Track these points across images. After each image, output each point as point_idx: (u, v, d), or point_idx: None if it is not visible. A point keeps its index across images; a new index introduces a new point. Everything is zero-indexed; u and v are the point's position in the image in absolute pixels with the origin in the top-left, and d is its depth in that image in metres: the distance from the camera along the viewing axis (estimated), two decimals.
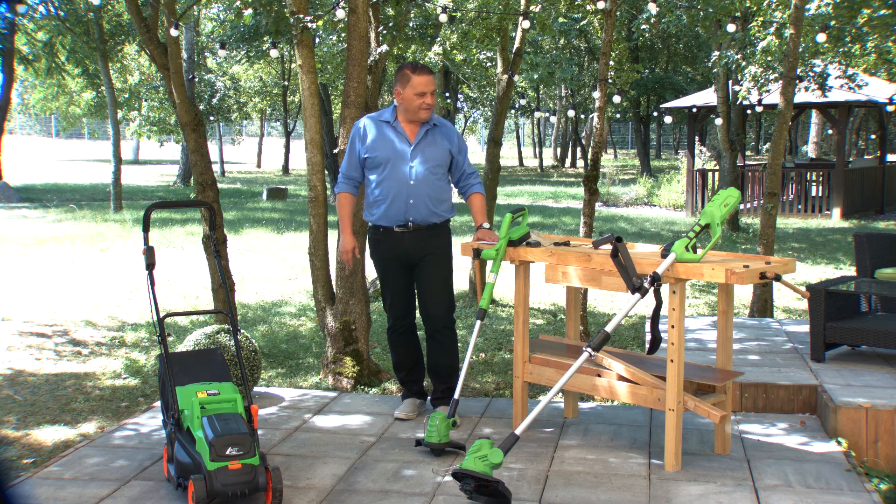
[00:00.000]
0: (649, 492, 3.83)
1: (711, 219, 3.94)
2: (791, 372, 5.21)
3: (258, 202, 22.07)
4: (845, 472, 4.04)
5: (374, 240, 4.87)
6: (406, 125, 4.73)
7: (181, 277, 10.32)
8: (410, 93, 4.64)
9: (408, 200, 4.69)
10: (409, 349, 5.03)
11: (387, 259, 4.83)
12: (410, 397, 5.03)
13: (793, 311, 8.60)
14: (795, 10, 7.30)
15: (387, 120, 4.75)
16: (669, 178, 23.13)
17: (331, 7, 7.45)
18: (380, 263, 4.89)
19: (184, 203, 8.62)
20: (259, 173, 35.81)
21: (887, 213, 19.27)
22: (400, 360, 5.05)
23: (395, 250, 4.77)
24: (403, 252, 4.77)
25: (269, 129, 55.23)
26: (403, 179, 4.68)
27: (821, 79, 14.65)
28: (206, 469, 3.49)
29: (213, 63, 28.76)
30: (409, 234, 4.74)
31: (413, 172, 4.69)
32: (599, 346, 3.82)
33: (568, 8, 10.36)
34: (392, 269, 4.84)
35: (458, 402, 4.47)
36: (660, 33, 24.74)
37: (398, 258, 4.79)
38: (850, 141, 27.56)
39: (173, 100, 6.12)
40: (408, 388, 5.07)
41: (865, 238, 6.05)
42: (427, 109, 4.67)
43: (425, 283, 4.83)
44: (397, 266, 4.82)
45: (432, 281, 4.82)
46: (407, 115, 4.71)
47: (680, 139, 44.15)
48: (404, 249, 4.76)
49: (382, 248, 4.82)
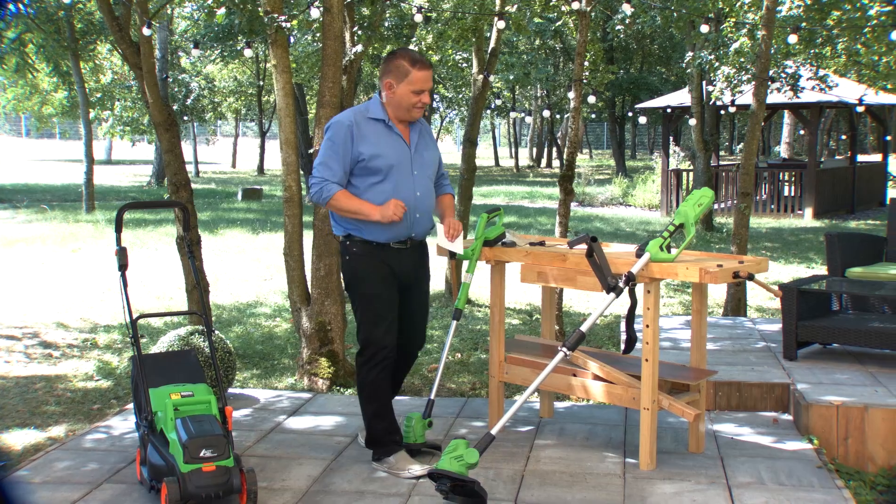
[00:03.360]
0: (624, 491, 3.85)
1: (685, 218, 3.96)
2: (764, 370, 5.26)
3: (233, 202, 21.93)
4: (816, 469, 4.08)
5: (362, 254, 4.04)
6: (397, 125, 4.07)
7: (155, 278, 10.23)
8: (407, 89, 3.97)
9: (415, 214, 4.04)
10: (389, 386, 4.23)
11: (383, 275, 4.05)
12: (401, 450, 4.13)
13: (766, 310, 8.68)
14: (767, 11, 7.37)
15: (379, 118, 4.04)
16: (644, 178, 23.27)
17: (305, 6, 7.43)
18: (374, 280, 4.04)
19: (157, 203, 8.55)
20: (234, 173, 35.59)
21: (858, 212, 19.51)
22: (387, 403, 4.16)
23: (395, 268, 4.07)
24: (402, 272, 4.10)
25: (244, 129, 54.90)
26: (410, 190, 4.02)
27: (793, 80, 14.81)
28: (179, 471, 3.46)
29: (187, 62, 28.55)
30: (408, 252, 4.10)
31: (417, 182, 4.06)
32: (575, 345, 3.83)
33: (543, 8, 10.39)
34: (390, 286, 4.07)
35: (433, 403, 4.46)
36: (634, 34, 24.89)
37: (395, 277, 4.09)
38: (822, 141, 27.88)
39: (146, 99, 6.06)
40: (392, 438, 4.13)
41: (836, 238, 6.11)
42: (421, 109, 4.04)
43: (416, 306, 4.24)
44: (394, 282, 4.09)
45: (422, 305, 4.28)
46: (396, 112, 4.04)
47: (655, 139, 44.42)
48: (402, 268, 4.09)
49: (376, 263, 4.04)
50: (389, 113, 4.05)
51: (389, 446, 4.10)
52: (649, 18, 14.01)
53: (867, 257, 6.18)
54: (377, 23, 7.36)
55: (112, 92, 27.60)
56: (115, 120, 28.24)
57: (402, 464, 4.05)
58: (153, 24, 6.26)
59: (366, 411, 4.14)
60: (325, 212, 5.72)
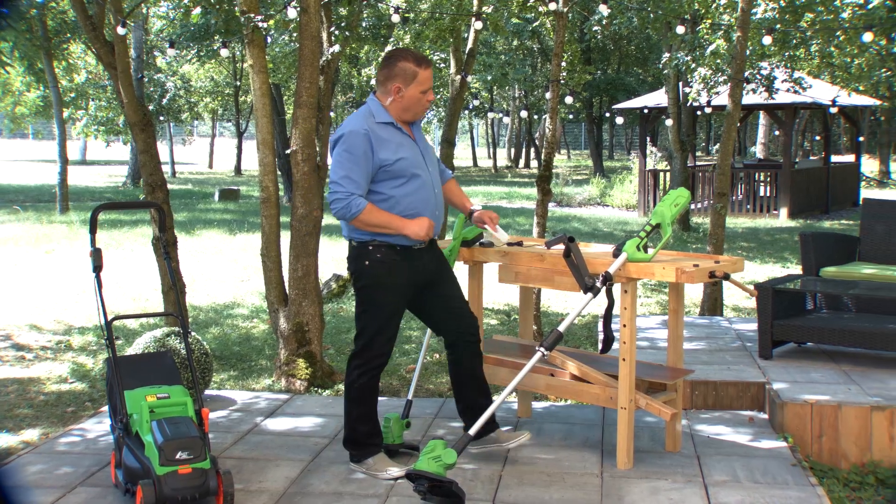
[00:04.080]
0: (602, 490, 3.87)
1: (662, 218, 3.98)
2: (740, 369, 5.30)
3: (210, 203, 21.81)
4: (791, 466, 4.12)
5: (388, 262, 3.94)
6: (402, 125, 4.02)
7: (131, 279, 10.15)
8: (416, 90, 3.91)
9: (435, 212, 4.01)
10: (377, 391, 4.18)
11: (403, 285, 3.98)
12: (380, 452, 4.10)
13: (742, 309, 8.75)
14: (742, 13, 7.43)
15: (388, 122, 3.95)
16: (622, 179, 23.38)
17: (282, 6, 7.39)
18: (391, 290, 3.98)
19: (132, 204, 8.48)
20: (211, 174, 35.39)
21: (832, 212, 19.71)
22: (372, 406, 4.12)
23: (416, 272, 4.00)
24: (423, 273, 4.04)
25: (221, 129, 54.58)
26: (430, 188, 4.00)
27: (768, 81, 14.95)
28: (155, 474, 3.44)
29: (163, 62, 28.33)
30: (427, 251, 4.05)
31: (432, 179, 4.04)
32: (552, 345, 3.84)
33: (520, 9, 10.41)
34: (404, 297, 4.02)
35: (411, 403, 4.46)
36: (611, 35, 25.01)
37: (415, 282, 4.02)
38: (797, 142, 28.14)
39: (121, 99, 6.02)
40: (374, 441, 4.12)
41: (811, 237, 6.17)
42: (427, 107, 3.99)
43: (449, 294, 4.13)
44: (409, 292, 4.04)
45: (455, 290, 4.16)
46: (403, 114, 3.97)
47: (632, 140, 44.66)
48: (424, 268, 4.04)
49: (401, 272, 3.96)
50: (393, 115, 3.98)
51: (369, 448, 4.06)
52: (626, 19, 14.08)
53: (841, 257, 6.24)
54: (354, 23, 7.34)
55: (86, 91, 27.35)
56: (89, 120, 27.98)
57: (380, 465, 4.02)
58: (128, 23, 6.21)
59: (350, 413, 4.08)
60: (302, 213, 5.70)
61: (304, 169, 5.66)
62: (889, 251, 6.17)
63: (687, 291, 8.45)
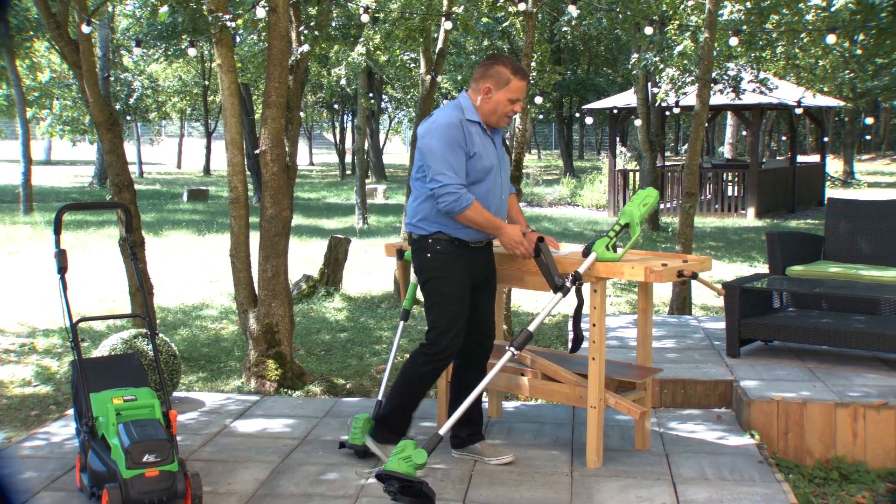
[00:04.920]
0: (571, 489, 3.88)
1: (631, 218, 4.01)
2: (708, 368, 5.35)
3: (178, 203, 21.62)
4: (758, 463, 4.16)
5: (446, 253, 4.00)
6: (487, 128, 4.05)
7: (97, 281, 10.03)
8: (504, 97, 3.94)
9: (499, 214, 4.06)
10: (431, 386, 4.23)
11: (462, 278, 4.03)
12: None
13: (710, 308, 8.84)
14: (709, 14, 7.51)
15: (476, 121, 3.98)
16: (592, 179, 23.51)
17: (250, 6, 7.35)
18: (456, 281, 4.02)
19: (98, 205, 8.39)
20: (179, 174, 35.08)
21: (798, 212, 19.97)
22: (422, 397, 4.21)
23: (472, 268, 4.06)
24: (477, 271, 4.09)
25: (190, 129, 54.11)
26: (499, 192, 4.05)
27: (735, 82, 15.10)
28: (121, 477, 3.40)
29: (130, 61, 28.02)
30: (482, 250, 4.12)
31: (502, 187, 4.10)
32: (522, 345, 3.85)
33: (490, 9, 10.44)
34: (465, 289, 4.04)
35: (381, 404, 4.45)
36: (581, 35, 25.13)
37: (471, 279, 4.07)
38: (764, 142, 28.48)
39: (86, 98, 5.94)
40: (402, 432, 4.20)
41: (777, 237, 6.24)
42: (510, 117, 4.03)
43: (487, 301, 4.21)
44: (469, 288, 4.06)
45: (492, 299, 4.26)
46: (488, 118, 3.99)
47: (602, 140, 44.95)
48: (479, 268, 4.10)
49: (459, 266, 4.02)
50: (481, 116, 4.00)
51: (396, 437, 4.07)
52: (595, 20, 14.16)
53: (807, 256, 6.32)
54: (324, 23, 7.31)
55: (51, 90, 26.97)
56: (54, 119, 27.61)
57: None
58: (93, 21, 6.14)
59: (401, 394, 4.15)
60: (271, 213, 5.67)
61: (274, 169, 5.63)
62: (853, 250, 6.26)
63: (656, 290, 8.52)
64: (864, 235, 6.24)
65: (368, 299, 9.37)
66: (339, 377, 6.24)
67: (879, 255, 6.14)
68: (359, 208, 16.93)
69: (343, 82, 18.84)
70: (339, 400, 5.37)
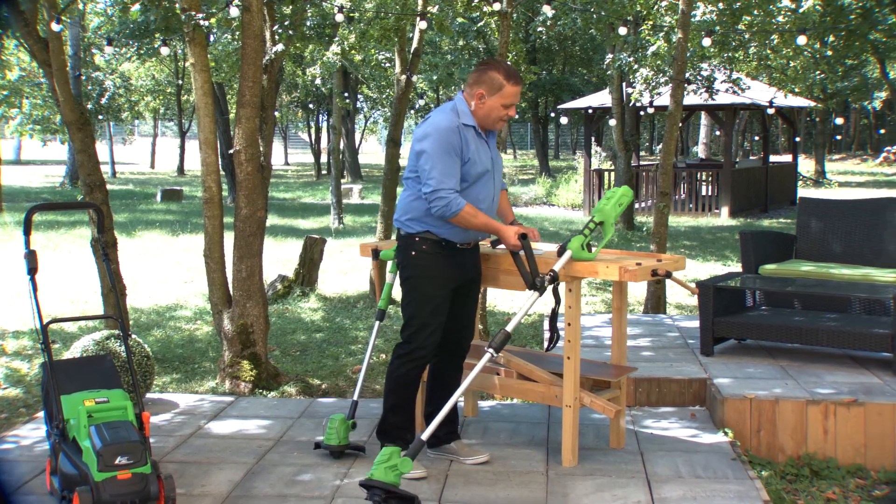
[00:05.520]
0: (547, 487, 3.89)
1: (606, 217, 4.03)
2: (682, 366, 5.38)
3: (152, 203, 21.44)
4: (731, 461, 4.20)
5: (433, 254, 4.03)
6: (482, 132, 4.10)
7: (69, 282, 9.92)
8: (497, 102, 3.99)
9: (488, 213, 4.08)
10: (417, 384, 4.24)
11: (445, 279, 4.06)
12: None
13: (685, 307, 8.90)
14: (683, 15, 7.56)
15: (472, 125, 4.03)
16: (567, 178, 23.60)
17: (224, 5, 7.30)
18: (436, 282, 4.05)
19: (69, 205, 8.28)
20: (153, 174, 34.80)
21: (771, 211, 20.16)
22: (409, 399, 4.20)
23: (457, 270, 4.08)
24: (462, 272, 4.12)
25: (164, 128, 53.66)
26: (490, 195, 4.10)
27: (708, 82, 15.22)
28: (93, 480, 3.36)
29: (102, 60, 27.73)
30: (469, 252, 4.14)
31: (494, 190, 4.14)
32: (501, 345, 3.83)
33: (465, 9, 10.44)
34: (446, 291, 4.09)
35: (357, 404, 4.44)
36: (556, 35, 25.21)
37: (454, 280, 4.09)
38: (737, 142, 28.73)
39: (57, 97, 5.87)
40: (403, 436, 4.13)
41: (750, 236, 6.29)
42: (504, 122, 4.10)
43: (469, 309, 4.24)
44: (450, 289, 4.10)
45: (475, 302, 4.28)
46: (482, 122, 4.04)
47: (577, 140, 45.12)
48: (464, 269, 4.12)
49: (443, 267, 4.04)
50: (476, 119, 4.04)
51: (396, 441, 4.06)
52: (570, 20, 14.22)
53: (779, 255, 6.38)
54: (298, 22, 7.27)
55: (20, 89, 26.63)
56: (23, 118, 27.26)
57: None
58: (63, 19, 6.07)
59: (387, 401, 4.16)
60: (246, 213, 5.63)
61: (248, 169, 5.60)
62: (824, 249, 6.33)
63: (631, 289, 8.57)
64: (835, 234, 6.31)
65: (344, 299, 9.34)
66: (314, 378, 6.21)
67: (850, 254, 6.21)
68: (334, 208, 16.88)
69: (318, 82, 18.76)
70: (314, 400, 5.34)
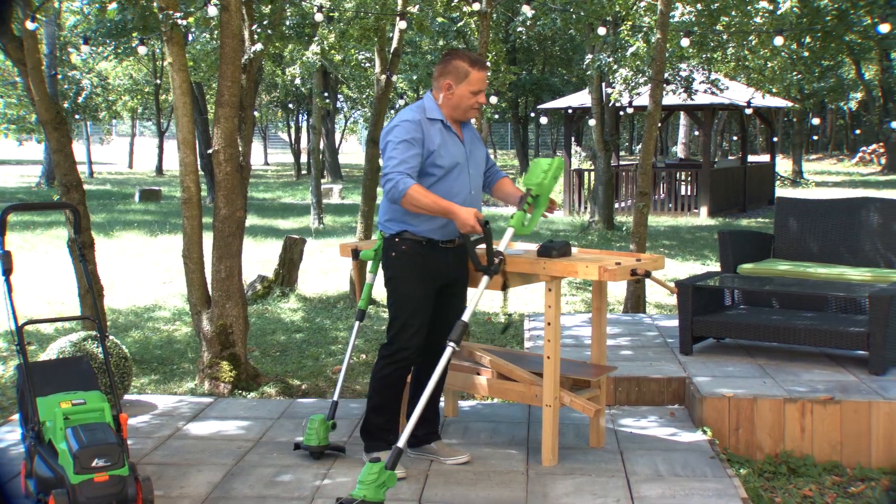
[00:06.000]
0: (527, 487, 3.90)
1: (543, 191, 3.99)
2: (661, 365, 5.41)
3: (130, 204, 21.29)
4: (710, 459, 4.22)
5: (413, 254, 4.00)
6: (452, 124, 4.07)
7: (46, 283, 9.83)
8: (466, 90, 3.97)
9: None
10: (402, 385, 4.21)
11: (426, 278, 4.02)
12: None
13: (664, 306, 8.94)
14: (661, 15, 7.59)
15: (438, 118, 4.02)
16: None
17: (202, 4, 7.26)
18: (416, 282, 4.02)
19: (45, 205, 8.16)
20: (131, 174, 34.55)
21: (749, 210, 20.30)
22: (392, 400, 4.16)
23: (439, 269, 4.03)
24: (446, 272, 4.05)
25: (142, 128, 53.28)
26: (465, 189, 4.03)
27: (687, 82, 15.30)
28: (69, 482, 3.32)
29: (78, 59, 27.48)
30: (453, 252, 4.07)
31: (472, 181, 4.09)
32: (460, 337, 3.76)
33: (445, 9, 10.45)
34: (428, 292, 4.04)
35: (337, 405, 4.42)
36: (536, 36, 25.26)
37: (436, 280, 4.04)
38: (716, 142, 28.91)
39: (32, 97, 5.81)
40: (385, 437, 4.11)
41: (728, 235, 6.33)
42: (477, 110, 4.07)
43: (454, 309, 4.14)
44: (432, 289, 4.05)
45: (460, 302, 4.20)
46: (453, 113, 4.03)
47: (557, 139, 45.22)
48: (448, 268, 4.06)
49: (424, 267, 4.01)
50: (445, 113, 4.04)
51: (379, 442, 4.06)
52: (550, 20, 14.24)
53: (757, 254, 6.42)
54: (277, 21, 7.24)
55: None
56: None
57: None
58: (38, 17, 6.01)
59: (370, 401, 4.15)
60: (225, 213, 5.60)
61: (227, 169, 5.57)
62: (802, 248, 6.38)
63: (611, 289, 8.60)
64: (812, 234, 6.37)
65: (324, 300, 9.31)
66: (294, 378, 6.19)
67: (827, 253, 6.26)
68: (314, 208, 16.83)
69: (298, 81, 18.70)
70: (294, 401, 5.32)
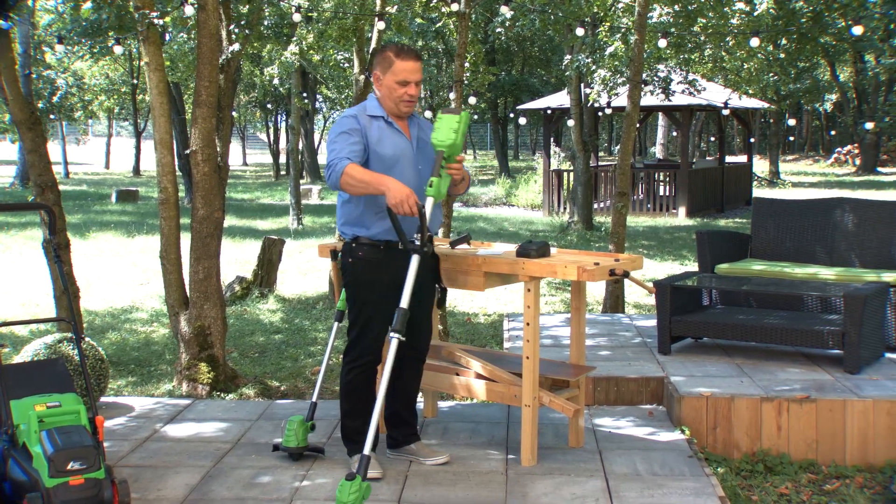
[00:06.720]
0: (506, 487, 3.90)
1: (455, 151, 3.86)
2: (640, 365, 5.43)
3: (107, 204, 21.12)
4: (688, 458, 4.24)
5: (369, 259, 3.93)
6: (396, 121, 4.01)
7: (20, 284, 9.72)
8: (391, 80, 3.91)
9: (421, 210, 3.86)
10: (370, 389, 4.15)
11: (384, 284, 3.92)
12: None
13: (642, 306, 8.99)
14: (639, 16, 7.63)
15: (378, 115, 3.97)
16: (527, 179, 23.71)
17: (179, 3, 7.21)
18: (373, 288, 3.95)
19: (19, 206, 8.07)
20: (108, 174, 34.28)
21: (727, 211, 20.45)
22: (362, 404, 4.07)
23: (399, 273, 3.81)
24: (406, 275, 3.79)
25: (119, 128, 52.86)
26: (414, 185, 3.89)
27: (665, 83, 15.39)
28: (44, 486, 3.29)
29: (53, 58, 27.23)
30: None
31: (422, 177, 3.97)
32: (403, 325, 3.69)
33: (423, 9, 10.44)
34: (387, 296, 3.91)
35: (316, 406, 4.41)
36: (515, 36, 25.32)
37: (397, 282, 3.82)
38: (694, 143, 29.09)
39: (5, 96, 5.75)
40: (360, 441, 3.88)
41: (706, 235, 6.37)
42: (409, 103, 3.95)
43: (422, 312, 4.10)
44: (392, 292, 3.86)
45: (427, 310, 4.16)
46: (388, 107, 3.98)
47: (537, 140, 45.35)
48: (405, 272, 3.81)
49: (382, 271, 3.93)
50: (386, 109, 4.00)
51: (357, 445, 4.02)
52: (529, 21, 14.27)
53: (734, 254, 6.47)
54: (255, 21, 7.21)
55: None
56: None
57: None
58: (11, 16, 5.94)
59: (341, 406, 4.16)
60: (203, 214, 5.56)
61: (205, 169, 5.54)
62: (778, 248, 6.44)
63: (589, 289, 8.63)
64: (789, 234, 6.42)
65: (303, 300, 9.28)
66: (273, 379, 6.16)
67: (802, 253, 6.32)
68: (293, 209, 16.77)
69: (276, 82, 18.63)
70: (272, 402, 5.30)
